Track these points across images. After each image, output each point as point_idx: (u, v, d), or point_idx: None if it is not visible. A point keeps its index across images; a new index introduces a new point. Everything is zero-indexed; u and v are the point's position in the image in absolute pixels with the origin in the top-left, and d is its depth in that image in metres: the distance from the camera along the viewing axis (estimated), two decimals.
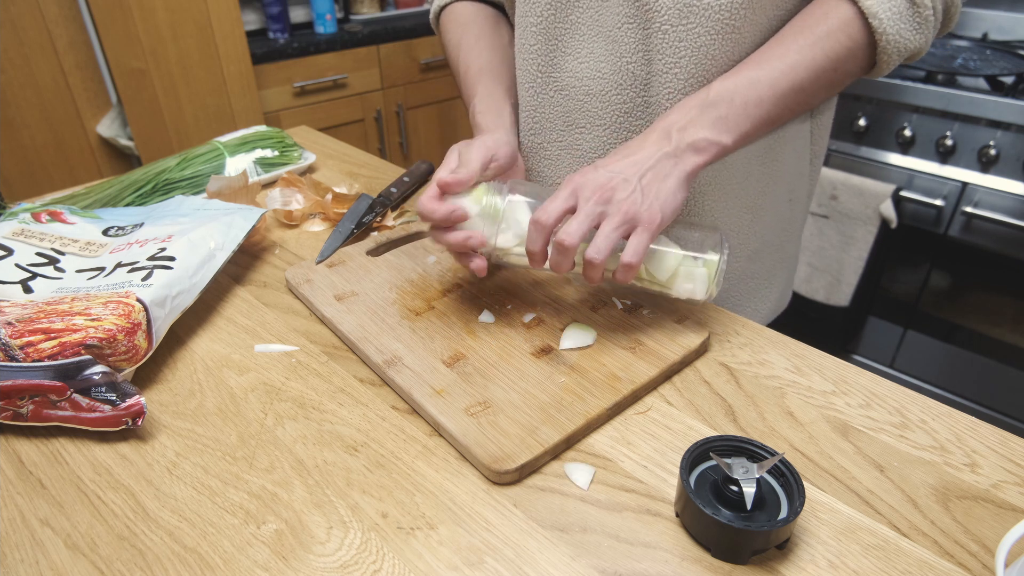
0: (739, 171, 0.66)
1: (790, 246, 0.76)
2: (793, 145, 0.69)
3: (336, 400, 0.52)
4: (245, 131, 0.92)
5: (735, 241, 0.70)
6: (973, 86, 1.39)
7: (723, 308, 0.64)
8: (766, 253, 0.73)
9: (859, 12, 0.54)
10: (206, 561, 0.40)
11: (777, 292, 0.77)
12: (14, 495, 0.44)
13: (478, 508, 0.43)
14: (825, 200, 1.55)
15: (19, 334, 0.48)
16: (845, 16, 0.54)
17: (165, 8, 1.63)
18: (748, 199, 0.68)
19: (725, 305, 0.73)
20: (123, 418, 0.47)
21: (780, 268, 0.76)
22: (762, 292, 0.75)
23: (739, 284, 0.73)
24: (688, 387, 0.54)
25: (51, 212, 0.67)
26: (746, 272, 0.73)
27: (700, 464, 0.43)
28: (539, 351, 0.55)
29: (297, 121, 1.96)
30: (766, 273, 0.74)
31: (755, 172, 0.67)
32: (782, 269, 0.77)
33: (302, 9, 2.07)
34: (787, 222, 0.74)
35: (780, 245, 0.75)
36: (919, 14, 0.54)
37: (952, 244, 1.45)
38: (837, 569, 0.39)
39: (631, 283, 0.54)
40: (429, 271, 0.66)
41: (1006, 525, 0.42)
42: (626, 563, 0.39)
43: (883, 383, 0.54)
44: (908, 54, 0.56)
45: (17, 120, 1.57)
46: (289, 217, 0.79)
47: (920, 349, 1.60)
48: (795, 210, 0.74)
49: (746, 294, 0.74)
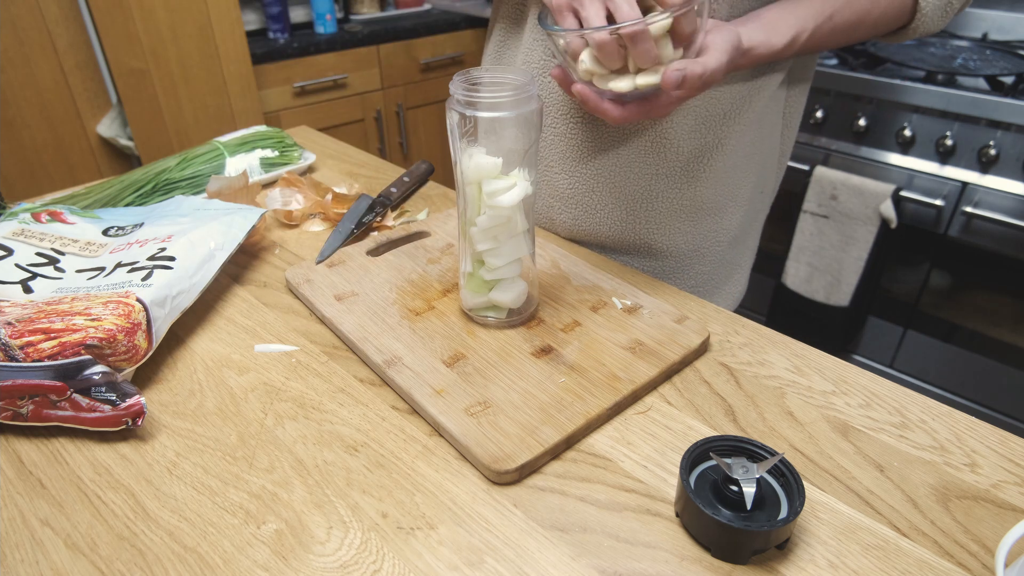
0: (729, 159, 0.69)
1: (755, 235, 0.83)
2: (770, 141, 0.73)
3: (336, 400, 0.52)
4: (245, 131, 0.92)
5: (721, 226, 0.75)
6: (973, 86, 1.39)
7: (704, 288, 0.66)
8: (740, 240, 0.79)
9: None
10: (206, 561, 0.40)
11: (744, 278, 0.84)
12: (14, 495, 0.44)
13: (478, 508, 0.43)
14: (825, 200, 1.55)
15: (19, 334, 0.48)
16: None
17: (165, 8, 1.63)
18: (733, 188, 0.72)
19: (707, 287, 0.78)
20: (123, 418, 0.47)
21: (747, 255, 0.83)
22: (735, 277, 0.82)
23: (719, 269, 0.78)
24: (688, 387, 0.54)
25: (51, 212, 0.67)
26: (725, 258, 0.78)
27: (700, 464, 0.43)
28: (539, 351, 0.55)
29: (297, 121, 1.96)
30: (738, 259, 0.81)
31: (740, 163, 0.71)
32: (747, 257, 0.83)
33: (302, 9, 2.07)
34: (757, 212, 0.79)
35: (750, 233, 0.81)
36: (952, 5, 0.61)
37: (952, 244, 1.45)
38: (837, 569, 0.39)
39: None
40: (429, 271, 0.66)
41: (1006, 525, 0.42)
42: (626, 563, 0.39)
43: (883, 383, 0.54)
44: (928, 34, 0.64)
45: (17, 120, 1.57)
46: (289, 217, 0.79)
47: (920, 349, 1.60)
48: (763, 201, 0.80)
49: (723, 278, 0.79)
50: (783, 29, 0.57)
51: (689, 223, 0.73)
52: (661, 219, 0.72)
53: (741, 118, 0.67)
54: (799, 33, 0.58)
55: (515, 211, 0.53)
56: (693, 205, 0.71)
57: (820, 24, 0.59)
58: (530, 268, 0.58)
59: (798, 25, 0.58)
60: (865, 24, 0.61)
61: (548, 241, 0.73)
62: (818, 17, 0.58)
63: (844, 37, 0.62)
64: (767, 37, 0.56)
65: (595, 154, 0.70)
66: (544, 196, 0.77)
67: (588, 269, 0.67)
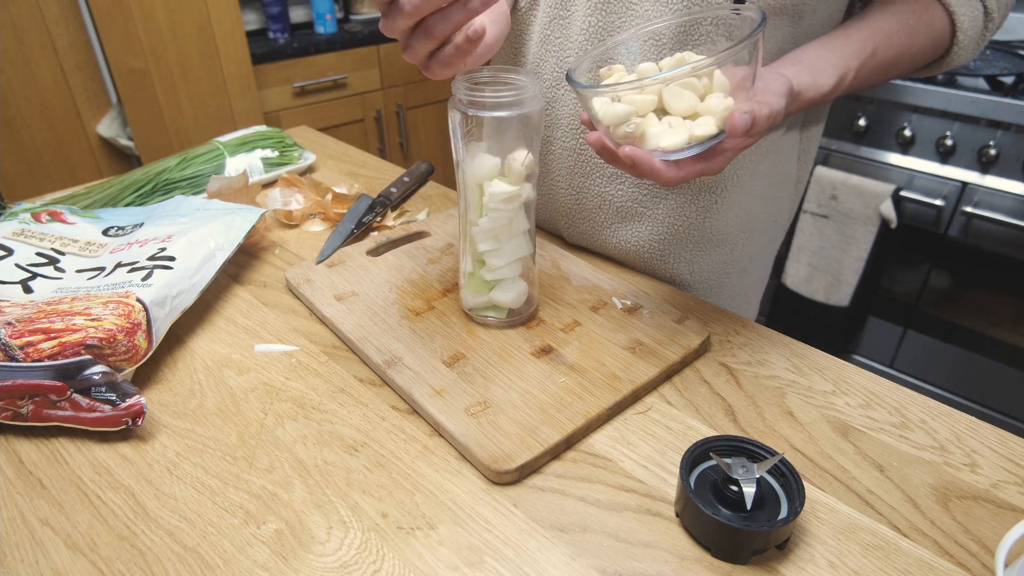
0: (742, 190, 0.67)
1: (766, 265, 0.80)
2: (785, 170, 0.71)
3: (336, 400, 0.52)
4: (245, 131, 0.92)
5: (732, 257, 0.72)
6: (973, 86, 1.39)
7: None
8: (751, 269, 0.76)
9: (951, 25, 0.57)
10: (206, 561, 0.40)
11: (754, 308, 0.83)
12: (14, 495, 0.44)
13: (478, 508, 0.43)
14: (825, 200, 1.55)
15: (19, 334, 0.48)
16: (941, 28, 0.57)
17: (165, 8, 1.63)
18: (747, 218, 0.70)
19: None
20: (123, 418, 0.47)
21: (758, 284, 0.80)
22: (744, 307, 0.79)
23: (729, 300, 0.75)
24: (688, 387, 0.54)
25: (51, 212, 0.67)
26: (736, 287, 0.75)
27: (700, 464, 0.43)
28: (539, 351, 0.55)
29: (297, 121, 1.96)
30: (749, 288, 0.78)
31: (756, 192, 0.68)
32: (758, 286, 0.81)
33: (302, 9, 2.07)
34: (769, 241, 0.77)
35: (761, 263, 0.78)
36: (984, 37, 0.59)
37: (952, 244, 1.45)
38: (837, 569, 0.39)
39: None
40: (429, 271, 0.66)
41: (1006, 525, 0.42)
42: (626, 563, 0.39)
43: (883, 383, 0.54)
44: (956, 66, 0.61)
45: (17, 120, 1.57)
46: (289, 217, 0.79)
47: (920, 349, 1.60)
48: (777, 231, 0.77)
49: (734, 308, 0.76)
50: (828, 70, 0.54)
51: (698, 252, 0.69)
52: (667, 246, 0.69)
53: (759, 148, 0.65)
54: (845, 73, 0.55)
55: (517, 212, 0.53)
56: (702, 235, 0.68)
57: (864, 62, 0.55)
58: (530, 268, 0.58)
59: (842, 65, 0.55)
60: (906, 59, 0.58)
61: (548, 241, 0.73)
62: (861, 55, 0.55)
63: (887, 74, 0.58)
64: (814, 80, 0.53)
65: (602, 174, 0.68)
66: (548, 210, 0.75)
67: (588, 269, 0.67)
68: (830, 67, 0.54)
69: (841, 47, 0.55)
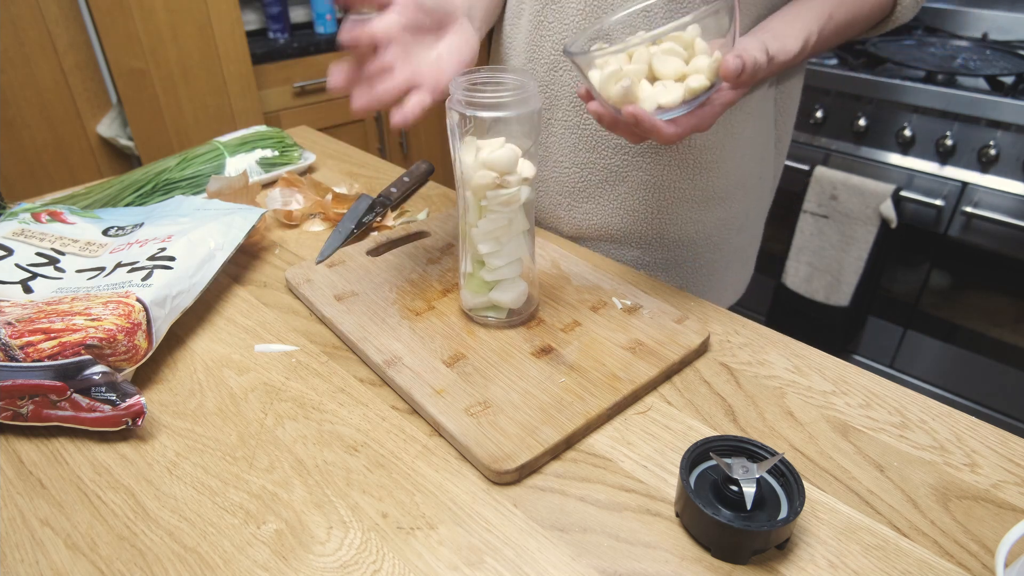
0: (732, 151, 0.71)
1: (760, 223, 0.85)
2: (764, 131, 0.76)
3: (336, 400, 0.52)
4: (245, 131, 0.92)
5: (730, 214, 0.77)
6: (973, 86, 1.39)
7: (713, 277, 0.70)
8: (746, 228, 0.81)
9: None
10: (206, 561, 0.40)
11: (751, 265, 0.87)
12: (14, 495, 0.44)
13: (478, 508, 0.43)
14: (825, 200, 1.55)
15: (19, 334, 0.48)
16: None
17: (165, 8, 1.63)
18: (739, 176, 0.74)
19: (717, 275, 0.80)
20: (123, 418, 0.47)
21: (753, 243, 0.85)
22: (743, 264, 0.84)
23: (728, 256, 0.80)
24: (688, 387, 0.54)
25: (51, 212, 0.67)
26: (734, 244, 0.80)
27: (700, 464, 0.43)
28: (539, 351, 0.55)
29: (297, 121, 1.96)
30: (747, 244, 0.83)
31: (744, 151, 0.73)
32: (753, 245, 0.85)
33: (302, 9, 2.07)
34: (759, 199, 0.81)
35: (755, 222, 0.83)
36: None
37: (952, 244, 1.45)
38: (837, 569, 0.39)
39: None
40: (429, 271, 0.66)
41: (1006, 525, 0.42)
42: (626, 563, 0.39)
43: (883, 383, 0.54)
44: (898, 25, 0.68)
45: (17, 120, 1.57)
46: (289, 217, 0.79)
47: (920, 349, 1.60)
48: (764, 188, 0.81)
49: (732, 266, 0.82)
50: (793, 35, 0.59)
51: (701, 211, 0.74)
52: (673, 208, 0.74)
53: (743, 108, 0.70)
54: (808, 37, 0.59)
55: (516, 212, 0.53)
56: (704, 194, 0.73)
57: (823, 26, 0.60)
58: (530, 268, 0.58)
59: (805, 29, 0.59)
60: (859, 20, 0.64)
61: (548, 241, 0.73)
62: (820, 19, 0.60)
63: (843, 36, 0.64)
64: (783, 45, 0.57)
65: (607, 146, 0.71)
66: (550, 194, 0.77)
67: (588, 269, 0.67)
68: (796, 32, 0.59)
69: (803, 14, 0.61)
